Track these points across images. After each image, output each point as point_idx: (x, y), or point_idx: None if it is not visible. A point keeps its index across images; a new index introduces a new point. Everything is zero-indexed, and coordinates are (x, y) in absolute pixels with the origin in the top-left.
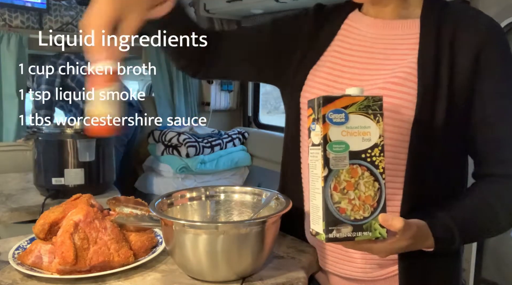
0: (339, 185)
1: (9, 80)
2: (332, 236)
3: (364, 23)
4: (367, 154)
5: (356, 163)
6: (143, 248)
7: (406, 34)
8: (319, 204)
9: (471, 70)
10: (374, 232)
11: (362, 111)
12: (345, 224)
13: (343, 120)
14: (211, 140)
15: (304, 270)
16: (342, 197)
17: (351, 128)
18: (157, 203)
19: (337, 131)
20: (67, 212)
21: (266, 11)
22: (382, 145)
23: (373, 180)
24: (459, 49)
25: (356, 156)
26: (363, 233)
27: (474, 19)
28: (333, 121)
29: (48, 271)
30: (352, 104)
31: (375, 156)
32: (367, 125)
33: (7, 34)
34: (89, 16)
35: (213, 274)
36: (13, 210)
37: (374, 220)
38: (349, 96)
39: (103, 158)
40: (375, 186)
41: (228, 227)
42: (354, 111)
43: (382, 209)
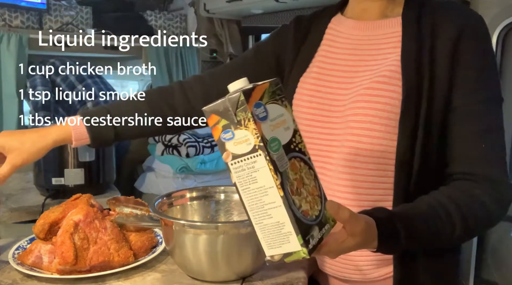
0: (293, 187)
1: (9, 80)
2: (311, 246)
3: (347, 26)
4: (294, 144)
5: (292, 157)
6: (143, 248)
7: (388, 33)
8: (282, 219)
9: (449, 60)
10: (330, 222)
11: (272, 99)
12: (313, 226)
13: (265, 113)
14: (211, 140)
15: (304, 270)
16: (300, 198)
17: (273, 120)
18: (157, 203)
19: (266, 128)
20: (67, 212)
21: (266, 11)
22: (298, 129)
23: (308, 169)
24: (439, 42)
25: (288, 149)
26: (325, 228)
27: (452, 11)
28: (259, 117)
29: (48, 271)
30: (264, 93)
31: (299, 143)
32: (281, 112)
33: (7, 34)
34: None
35: (213, 274)
36: (13, 210)
37: (324, 209)
38: (258, 86)
39: (103, 158)
40: (311, 174)
41: (228, 227)
42: (268, 101)
43: (324, 195)
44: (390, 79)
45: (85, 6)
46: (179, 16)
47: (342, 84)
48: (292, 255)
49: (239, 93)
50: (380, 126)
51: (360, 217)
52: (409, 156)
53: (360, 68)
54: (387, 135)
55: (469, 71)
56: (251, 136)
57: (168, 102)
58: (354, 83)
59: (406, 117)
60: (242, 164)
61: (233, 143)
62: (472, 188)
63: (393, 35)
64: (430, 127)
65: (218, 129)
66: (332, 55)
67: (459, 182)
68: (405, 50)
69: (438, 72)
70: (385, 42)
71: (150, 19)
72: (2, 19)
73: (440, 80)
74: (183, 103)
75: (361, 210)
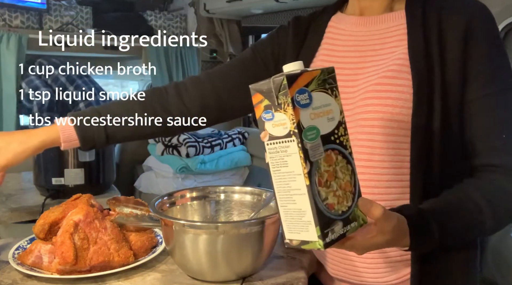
0: (322, 179)
1: (9, 80)
2: (329, 240)
3: (349, 23)
4: (335, 136)
5: (329, 148)
6: (143, 248)
7: (392, 27)
8: (304, 207)
9: (461, 49)
10: (359, 220)
11: (321, 87)
12: (336, 221)
13: (308, 101)
14: (211, 140)
15: (304, 270)
16: (328, 191)
17: (316, 108)
18: (157, 203)
19: (306, 115)
20: (67, 212)
21: (266, 11)
22: (345, 122)
23: (346, 163)
24: (447, 32)
25: (327, 140)
26: (351, 225)
27: (458, 2)
28: (301, 103)
29: (48, 271)
30: (312, 80)
31: (342, 136)
32: (328, 102)
33: (7, 34)
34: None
35: (213, 274)
36: (13, 210)
37: (356, 207)
38: (308, 72)
39: (103, 158)
40: (349, 170)
41: (228, 227)
42: (314, 89)
43: (359, 192)
44: (399, 73)
45: (85, 6)
46: (179, 16)
47: (348, 81)
48: (309, 244)
49: (283, 77)
50: (393, 123)
51: (393, 215)
52: (425, 153)
53: (365, 64)
54: (401, 131)
55: (481, 61)
56: (288, 121)
57: (162, 103)
58: (360, 80)
59: (419, 110)
60: (277, 146)
61: (272, 124)
62: (498, 178)
63: (397, 28)
64: (447, 120)
65: (260, 108)
66: (335, 53)
67: (484, 174)
68: (412, 41)
69: (449, 63)
70: (390, 36)
71: (150, 19)
72: (2, 19)
73: (452, 71)
74: (177, 104)
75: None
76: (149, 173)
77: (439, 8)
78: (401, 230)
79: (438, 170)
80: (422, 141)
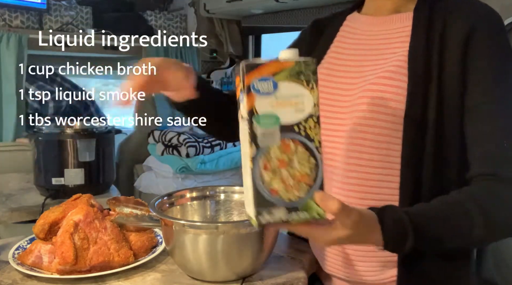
0: (269, 164)
1: (9, 80)
2: (264, 220)
3: (361, 22)
4: (301, 127)
5: (289, 138)
6: (143, 248)
7: (398, 28)
8: (248, 185)
9: (460, 55)
10: (311, 213)
11: (293, 77)
12: (277, 206)
13: (271, 89)
14: (211, 140)
15: (304, 270)
16: (274, 177)
17: (282, 97)
18: (157, 203)
19: (264, 103)
20: (67, 212)
21: (266, 11)
22: (318, 116)
23: (308, 156)
24: (450, 36)
25: (288, 130)
26: (299, 215)
27: (465, 6)
28: (260, 91)
29: (48, 271)
30: (282, 70)
31: (310, 128)
32: (299, 93)
33: (7, 34)
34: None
35: (213, 274)
36: (13, 210)
37: (311, 199)
38: (277, 61)
39: (103, 158)
40: (310, 162)
41: (228, 227)
42: (284, 78)
43: (320, 187)
44: (396, 74)
45: (85, 6)
46: (179, 16)
47: (350, 79)
48: (251, 220)
49: (244, 63)
50: (385, 123)
51: (354, 210)
52: (416, 155)
53: (368, 62)
54: (393, 132)
55: (483, 67)
56: (245, 104)
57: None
58: (362, 78)
59: (411, 112)
60: (242, 125)
61: (242, 106)
62: (494, 186)
63: (403, 29)
64: (442, 124)
65: (238, 90)
66: (344, 50)
67: (480, 182)
68: (413, 44)
69: (447, 66)
70: (395, 36)
71: (150, 19)
72: (2, 19)
73: (450, 75)
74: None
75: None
76: (149, 173)
77: (446, 12)
78: (366, 226)
79: (430, 171)
80: (413, 142)
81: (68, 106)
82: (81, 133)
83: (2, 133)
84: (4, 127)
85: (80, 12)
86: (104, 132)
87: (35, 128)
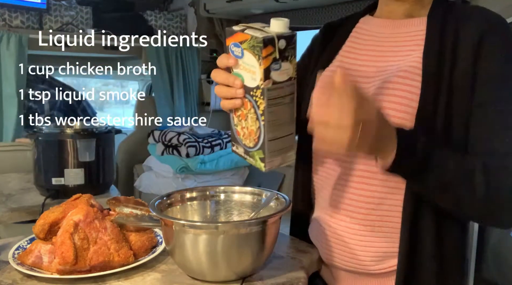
0: (237, 112)
1: (9, 80)
2: (233, 148)
3: (374, 25)
4: (253, 93)
5: (247, 98)
6: (143, 248)
7: (413, 31)
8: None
9: (472, 56)
10: (256, 162)
11: (250, 49)
12: (240, 145)
13: (240, 54)
14: (211, 140)
15: (304, 270)
16: (238, 122)
17: (245, 64)
18: (157, 203)
19: (236, 63)
20: (67, 212)
21: (266, 11)
22: (263, 89)
23: (255, 118)
24: (462, 40)
25: (248, 91)
26: (249, 158)
27: (476, 13)
28: (234, 53)
29: (48, 271)
30: (245, 41)
31: (258, 97)
32: (253, 64)
33: (7, 34)
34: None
35: (213, 274)
36: (13, 210)
37: (256, 153)
38: (242, 33)
39: (103, 158)
40: (256, 124)
41: (228, 227)
42: (246, 48)
43: (261, 146)
44: (410, 74)
45: (85, 6)
46: (179, 16)
47: (362, 77)
48: None
49: (226, 29)
50: (397, 120)
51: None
52: None
53: (382, 63)
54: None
55: (493, 68)
56: None
57: None
58: (374, 77)
59: (423, 113)
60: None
61: None
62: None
63: (417, 33)
64: (450, 124)
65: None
66: (356, 51)
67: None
68: (428, 47)
69: (459, 69)
70: (409, 39)
71: (150, 19)
72: (2, 19)
73: (462, 77)
74: None
75: None
76: (149, 173)
77: (459, 18)
78: (379, 115)
79: None
80: None
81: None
82: (81, 133)
83: (2, 133)
84: (4, 127)
85: (80, 12)
86: (104, 132)
87: (35, 128)
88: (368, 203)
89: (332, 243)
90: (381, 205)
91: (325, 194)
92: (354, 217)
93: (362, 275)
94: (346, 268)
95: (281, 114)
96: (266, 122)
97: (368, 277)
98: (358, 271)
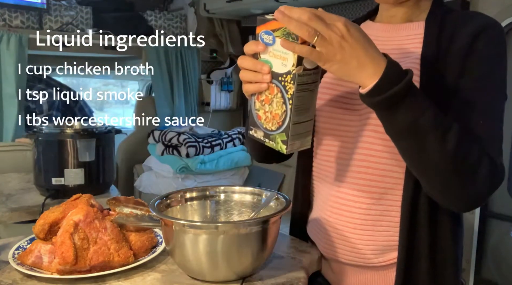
0: (260, 96)
1: (9, 80)
2: (251, 133)
3: (375, 29)
4: (282, 78)
5: (274, 83)
6: (143, 248)
7: (412, 35)
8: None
9: (463, 58)
10: (277, 145)
11: (285, 37)
12: (259, 128)
13: (271, 41)
14: (211, 140)
15: (304, 270)
16: (260, 106)
17: (276, 50)
18: (157, 203)
19: (266, 50)
20: (67, 212)
21: (266, 11)
22: (294, 74)
23: (282, 102)
24: (456, 44)
25: (275, 77)
26: (269, 142)
27: (474, 18)
28: (264, 41)
29: (48, 271)
30: (279, 28)
31: (287, 82)
32: (286, 51)
33: (7, 34)
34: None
35: (213, 274)
36: (13, 210)
37: (278, 136)
38: (276, 21)
39: (103, 158)
40: (282, 108)
41: (228, 227)
42: (279, 36)
43: (285, 129)
44: None
45: (85, 6)
46: (179, 16)
47: None
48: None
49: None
50: None
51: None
52: None
53: None
54: None
55: (479, 65)
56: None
57: None
58: None
59: None
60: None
61: None
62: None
63: (415, 37)
64: None
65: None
66: None
67: None
68: (426, 50)
69: (454, 73)
70: (408, 43)
71: (150, 19)
72: (2, 19)
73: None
74: None
75: None
76: (149, 173)
77: (456, 22)
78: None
79: None
80: None
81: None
82: (81, 133)
83: (2, 133)
84: (4, 127)
85: (80, 12)
86: (104, 132)
87: (35, 128)
88: (368, 198)
89: (332, 238)
90: (381, 199)
91: (325, 191)
92: (354, 212)
93: (363, 268)
94: (347, 261)
95: (306, 100)
96: (293, 106)
97: (368, 270)
98: (359, 264)
